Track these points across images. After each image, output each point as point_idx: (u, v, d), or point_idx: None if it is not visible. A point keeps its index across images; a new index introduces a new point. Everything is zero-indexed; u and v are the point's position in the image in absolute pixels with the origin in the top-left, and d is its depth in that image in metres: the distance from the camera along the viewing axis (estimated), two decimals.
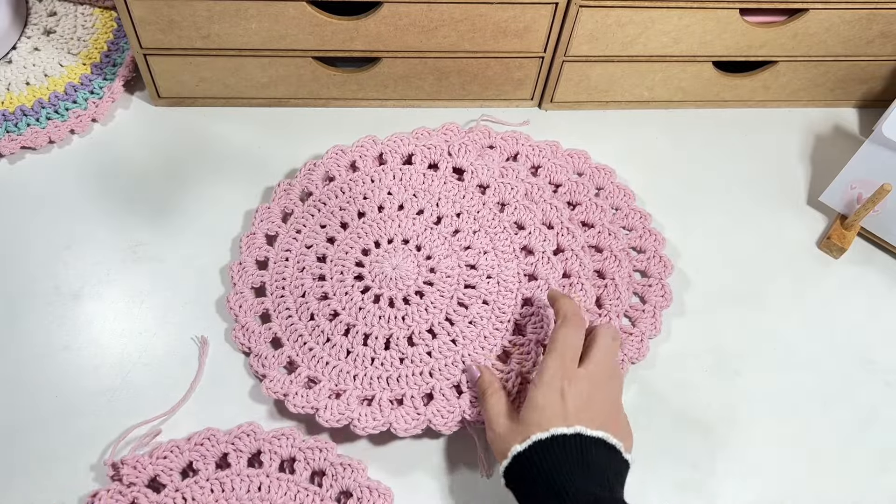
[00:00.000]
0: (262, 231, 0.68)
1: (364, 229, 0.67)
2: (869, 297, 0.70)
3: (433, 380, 0.61)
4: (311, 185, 0.69)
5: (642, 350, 0.64)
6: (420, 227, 0.67)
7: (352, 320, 0.63)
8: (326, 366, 0.62)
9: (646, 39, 0.72)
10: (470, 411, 0.59)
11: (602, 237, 0.69)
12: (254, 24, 0.68)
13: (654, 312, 0.66)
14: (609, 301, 0.66)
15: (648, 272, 0.68)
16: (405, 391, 0.60)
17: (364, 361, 0.62)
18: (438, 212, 0.68)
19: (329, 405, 0.59)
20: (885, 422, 0.64)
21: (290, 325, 0.63)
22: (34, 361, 0.63)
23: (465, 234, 0.67)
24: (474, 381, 0.60)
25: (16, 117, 0.73)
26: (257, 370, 0.62)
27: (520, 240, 0.67)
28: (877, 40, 0.75)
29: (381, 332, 0.62)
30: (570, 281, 0.66)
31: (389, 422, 0.58)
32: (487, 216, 0.68)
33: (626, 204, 0.71)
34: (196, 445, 0.58)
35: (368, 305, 0.63)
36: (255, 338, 0.63)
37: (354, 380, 0.61)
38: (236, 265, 0.66)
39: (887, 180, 0.67)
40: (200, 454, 0.57)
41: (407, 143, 0.72)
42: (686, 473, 0.61)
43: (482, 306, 0.64)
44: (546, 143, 0.74)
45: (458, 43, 0.71)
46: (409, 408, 0.59)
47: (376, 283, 0.64)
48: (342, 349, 0.62)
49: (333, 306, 0.64)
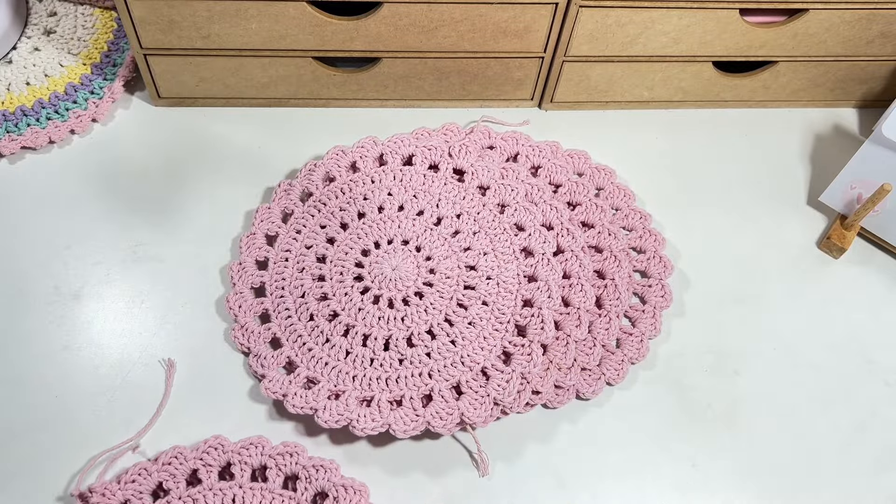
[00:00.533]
0: (262, 231, 0.68)
1: (364, 230, 0.67)
2: (869, 297, 0.70)
3: (432, 381, 0.61)
4: (311, 185, 0.70)
5: (642, 350, 0.64)
6: (420, 228, 0.67)
7: (351, 321, 0.63)
8: (325, 366, 0.62)
9: (646, 39, 0.72)
10: (469, 412, 0.59)
11: (602, 237, 0.69)
12: (254, 24, 0.68)
13: (654, 313, 0.66)
14: (609, 301, 0.66)
15: (648, 272, 0.68)
16: (404, 392, 0.60)
17: (363, 362, 0.62)
18: (438, 213, 0.68)
19: (328, 406, 0.59)
20: (885, 422, 0.64)
21: (289, 326, 0.63)
22: (34, 361, 0.63)
23: (465, 235, 0.67)
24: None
25: (16, 117, 0.73)
26: (256, 370, 0.62)
27: (520, 241, 0.67)
28: (877, 40, 0.75)
29: (380, 333, 0.62)
30: (569, 282, 0.66)
31: (388, 423, 0.58)
32: (487, 217, 0.68)
33: (626, 204, 0.71)
34: (164, 465, 0.57)
35: (368, 306, 0.63)
36: (254, 338, 0.63)
37: (353, 380, 0.61)
38: (236, 265, 0.66)
39: (887, 180, 0.67)
40: (169, 473, 0.57)
41: (407, 144, 0.72)
42: (686, 473, 0.61)
43: (481, 307, 0.64)
44: (546, 144, 0.74)
45: (458, 43, 0.71)
46: (408, 409, 0.59)
47: (376, 283, 0.64)
48: (341, 350, 0.62)
49: (333, 307, 0.64)
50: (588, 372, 0.63)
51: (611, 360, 0.64)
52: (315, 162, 0.71)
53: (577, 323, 0.64)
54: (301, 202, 0.70)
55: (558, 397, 0.62)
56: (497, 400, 0.59)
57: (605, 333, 0.64)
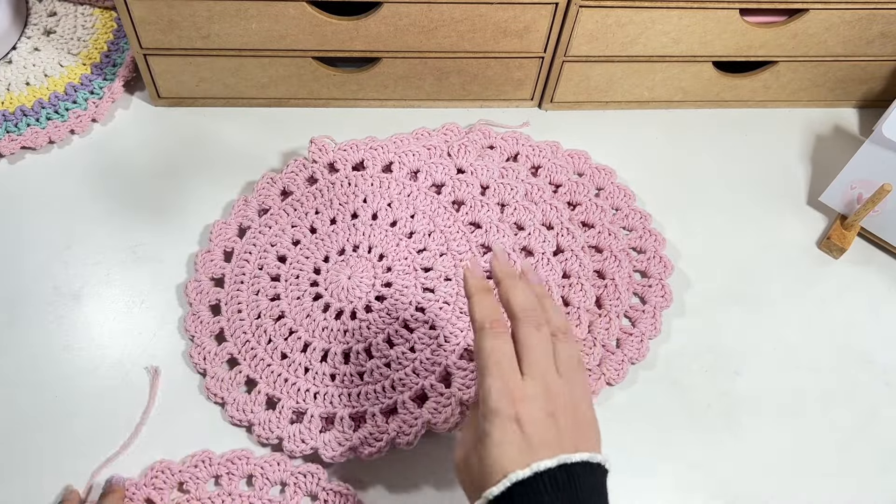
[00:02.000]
0: (219, 248, 0.67)
1: (318, 245, 0.66)
2: (869, 297, 0.70)
3: (396, 393, 0.60)
4: (269, 199, 0.69)
5: (642, 350, 0.64)
6: (379, 232, 0.67)
7: (308, 337, 0.62)
8: (286, 383, 0.61)
9: (646, 39, 0.72)
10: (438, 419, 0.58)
11: (602, 237, 0.69)
12: (254, 24, 0.68)
13: (654, 313, 0.66)
14: (609, 301, 0.66)
15: (648, 272, 0.68)
16: (366, 408, 0.59)
17: (324, 379, 0.61)
18: (393, 213, 0.68)
19: (291, 432, 0.58)
20: (885, 422, 0.64)
21: (245, 345, 0.62)
22: (34, 361, 0.63)
23: (421, 235, 0.66)
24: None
25: (16, 117, 0.73)
26: (215, 393, 0.61)
27: (519, 240, 0.67)
28: (877, 40, 0.75)
29: (338, 348, 0.62)
30: (569, 281, 0.66)
31: (354, 445, 0.58)
32: (443, 216, 0.67)
33: (627, 204, 0.71)
34: (151, 479, 0.57)
35: (331, 322, 0.63)
36: (210, 358, 0.62)
37: (315, 398, 0.60)
38: (192, 283, 0.65)
39: (887, 180, 0.67)
40: (156, 487, 0.57)
41: (357, 149, 0.71)
42: (686, 473, 0.61)
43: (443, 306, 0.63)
44: (546, 144, 0.74)
45: (458, 43, 0.71)
46: (372, 426, 0.58)
47: (330, 295, 0.64)
48: (301, 367, 0.61)
49: (289, 325, 0.63)
50: (588, 372, 0.63)
51: (611, 360, 0.64)
52: (273, 176, 0.70)
53: (577, 322, 0.64)
54: (259, 216, 0.69)
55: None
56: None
57: (605, 333, 0.64)
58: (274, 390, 0.60)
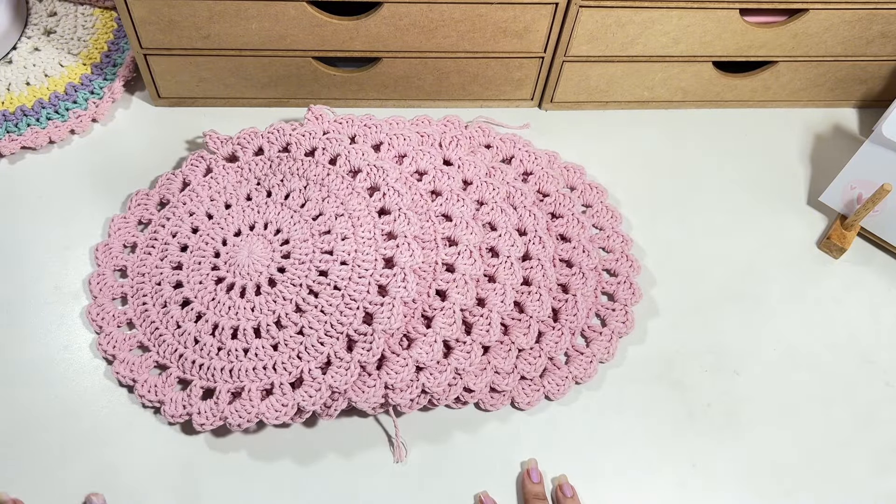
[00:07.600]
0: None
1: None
2: (869, 297, 0.70)
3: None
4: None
5: (590, 371, 0.64)
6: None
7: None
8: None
9: (646, 39, 0.72)
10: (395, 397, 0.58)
11: (575, 253, 0.67)
12: (254, 24, 0.68)
13: (611, 336, 0.65)
14: (565, 316, 0.65)
15: (616, 296, 0.67)
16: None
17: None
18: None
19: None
20: (885, 422, 0.64)
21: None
22: (34, 361, 0.63)
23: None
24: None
25: (16, 117, 0.73)
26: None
27: (488, 240, 0.66)
28: (877, 40, 0.75)
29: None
30: (529, 289, 0.65)
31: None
32: (464, 210, 0.66)
33: (611, 226, 0.71)
34: (268, 133, 0.68)
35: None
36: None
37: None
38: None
39: (887, 180, 0.67)
40: (270, 141, 0.68)
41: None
42: (686, 473, 0.61)
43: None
44: (545, 152, 0.73)
45: (458, 43, 0.71)
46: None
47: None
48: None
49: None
50: (527, 382, 0.63)
51: (553, 376, 0.63)
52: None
53: (526, 331, 0.63)
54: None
55: (493, 400, 0.62)
56: (426, 388, 0.59)
57: (554, 347, 0.63)
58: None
